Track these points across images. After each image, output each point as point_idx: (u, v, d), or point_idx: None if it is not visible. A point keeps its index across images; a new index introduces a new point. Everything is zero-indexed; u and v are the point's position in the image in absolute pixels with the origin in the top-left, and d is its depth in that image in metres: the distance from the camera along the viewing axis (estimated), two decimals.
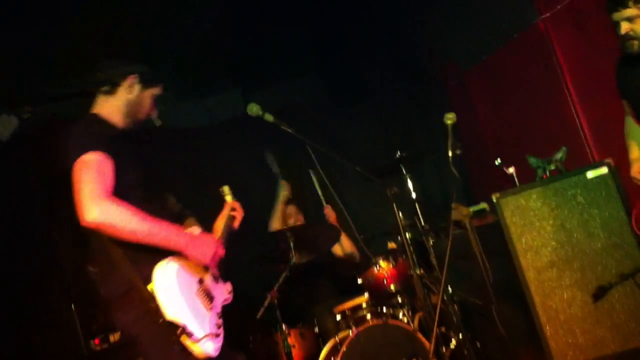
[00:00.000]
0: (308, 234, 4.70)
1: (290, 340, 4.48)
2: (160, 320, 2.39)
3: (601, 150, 4.99)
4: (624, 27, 3.20)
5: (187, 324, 2.43)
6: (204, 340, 2.47)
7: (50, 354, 4.29)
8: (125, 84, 2.87)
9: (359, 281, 4.72)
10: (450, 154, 3.38)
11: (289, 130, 3.32)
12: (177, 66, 5.35)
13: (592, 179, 4.37)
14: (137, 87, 2.90)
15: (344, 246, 5.44)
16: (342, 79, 6.65)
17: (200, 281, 2.68)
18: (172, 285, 2.47)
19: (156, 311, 2.40)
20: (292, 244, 4.47)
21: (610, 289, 4.24)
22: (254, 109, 3.30)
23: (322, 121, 6.42)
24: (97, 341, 4.24)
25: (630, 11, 3.16)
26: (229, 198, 3.31)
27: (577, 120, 5.17)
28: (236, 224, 3.25)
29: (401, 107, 6.74)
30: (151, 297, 2.42)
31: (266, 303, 4.35)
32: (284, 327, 4.45)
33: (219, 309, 2.74)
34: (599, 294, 4.26)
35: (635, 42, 3.21)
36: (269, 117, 3.33)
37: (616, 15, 3.22)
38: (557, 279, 4.36)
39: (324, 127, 6.31)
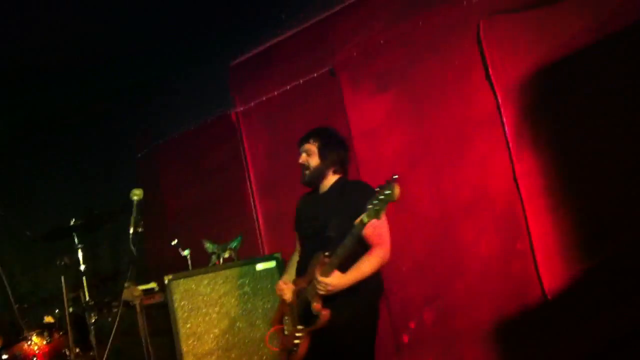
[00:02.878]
0: None
1: None
2: None
3: (272, 243, 5.30)
4: (301, 158, 3.57)
5: None
6: None
7: None
8: None
9: (4, 357, 4.20)
10: (131, 230, 3.25)
11: None
12: None
13: (260, 271, 4.58)
14: None
15: None
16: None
17: None
18: None
19: None
20: None
21: None
22: None
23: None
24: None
25: (308, 146, 3.56)
26: None
27: (254, 212, 5.45)
28: None
29: (86, 174, 6.42)
30: None
31: None
32: None
33: None
34: None
35: (307, 172, 3.58)
36: None
37: (300, 148, 3.60)
38: None
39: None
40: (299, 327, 3.39)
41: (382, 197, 2.91)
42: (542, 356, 3.99)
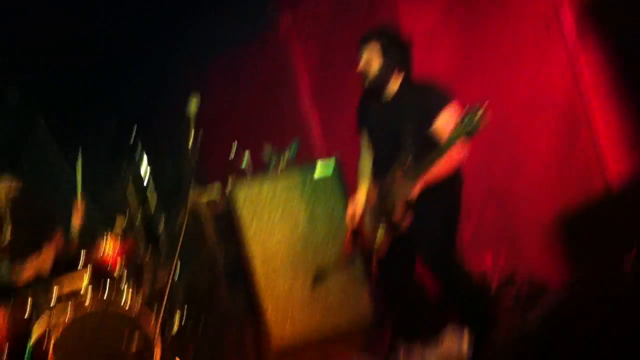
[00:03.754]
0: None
1: None
2: None
3: (330, 146, 5.32)
4: (360, 64, 3.44)
5: None
6: None
7: None
8: None
9: (81, 261, 4.43)
10: (191, 138, 3.30)
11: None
12: None
13: (319, 172, 4.65)
14: None
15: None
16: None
17: None
18: None
19: None
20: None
21: (328, 274, 4.56)
22: None
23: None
24: None
25: (369, 46, 3.42)
26: None
27: (310, 117, 5.46)
28: None
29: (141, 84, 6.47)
30: None
31: None
32: None
33: None
34: (318, 277, 4.56)
35: (368, 80, 3.46)
36: None
37: (360, 50, 3.45)
38: (281, 263, 4.57)
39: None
40: (381, 225, 3.44)
41: (471, 123, 2.89)
42: (603, 246, 3.98)
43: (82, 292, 4.33)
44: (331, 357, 4.02)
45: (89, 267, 4.41)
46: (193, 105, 3.37)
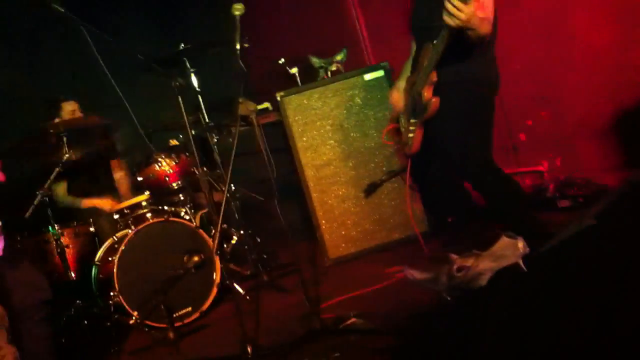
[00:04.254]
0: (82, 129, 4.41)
1: (64, 240, 4.22)
2: None
3: (379, 54, 5.23)
4: None
5: None
6: None
7: None
8: None
9: (139, 179, 4.55)
10: (237, 46, 3.25)
11: (61, 10, 2.96)
12: None
13: (369, 81, 4.58)
14: None
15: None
16: None
17: None
18: None
19: None
20: (65, 139, 4.16)
21: (379, 186, 4.56)
22: None
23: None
24: None
25: None
26: None
27: (357, 24, 5.35)
28: None
29: None
30: None
31: (36, 201, 4.01)
32: (56, 226, 4.18)
33: None
34: (370, 190, 4.57)
35: None
36: None
37: None
38: (333, 175, 4.59)
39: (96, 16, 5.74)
40: (412, 120, 3.42)
41: None
42: None
43: (143, 206, 4.48)
44: (384, 268, 4.05)
45: (147, 182, 4.55)
46: (239, 8, 3.27)
